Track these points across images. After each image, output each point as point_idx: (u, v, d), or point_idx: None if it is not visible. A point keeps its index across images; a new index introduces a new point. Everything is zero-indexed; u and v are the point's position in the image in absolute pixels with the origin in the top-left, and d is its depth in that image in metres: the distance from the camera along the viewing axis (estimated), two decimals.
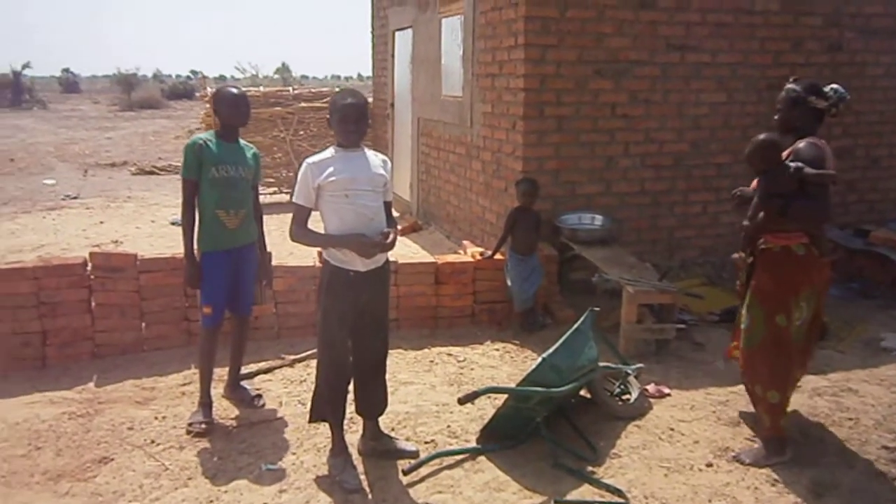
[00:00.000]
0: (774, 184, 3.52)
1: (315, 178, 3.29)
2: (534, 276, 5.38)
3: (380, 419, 3.77)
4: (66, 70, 49.17)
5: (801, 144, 3.62)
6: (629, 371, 4.29)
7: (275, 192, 10.94)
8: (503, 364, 4.95)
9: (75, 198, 11.34)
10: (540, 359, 3.67)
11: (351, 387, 3.61)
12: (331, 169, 3.28)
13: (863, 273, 6.66)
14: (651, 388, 4.44)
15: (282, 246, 5.73)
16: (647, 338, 5.01)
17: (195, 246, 4.00)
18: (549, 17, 5.79)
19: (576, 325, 3.95)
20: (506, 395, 3.71)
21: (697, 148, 6.45)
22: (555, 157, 6.04)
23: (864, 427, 4.01)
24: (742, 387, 4.48)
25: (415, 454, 3.67)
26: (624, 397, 4.26)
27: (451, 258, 5.65)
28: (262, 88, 11.42)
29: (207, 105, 10.07)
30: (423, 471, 3.60)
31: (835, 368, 4.88)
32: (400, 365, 4.91)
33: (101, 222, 9.47)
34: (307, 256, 5.65)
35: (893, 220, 7.37)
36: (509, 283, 5.41)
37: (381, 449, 3.71)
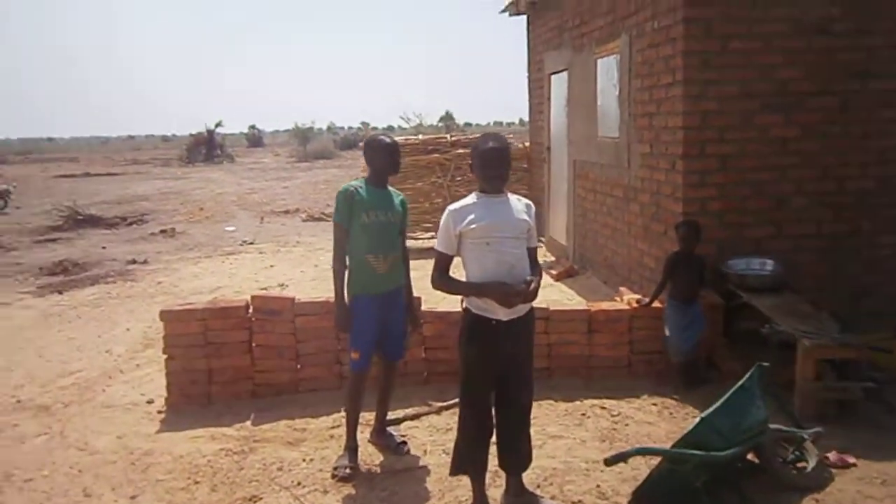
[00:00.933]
0: None
1: (456, 224, 3.23)
2: (694, 325, 5.00)
3: (524, 475, 3.60)
4: (253, 126, 53.71)
5: None
6: (805, 435, 3.81)
7: (432, 237, 11.12)
8: (661, 420, 4.61)
9: (251, 243, 12.17)
10: (699, 418, 3.35)
11: (494, 439, 3.48)
12: (472, 216, 3.22)
13: None
14: (832, 456, 3.93)
15: (434, 291, 5.73)
16: (828, 398, 4.47)
17: (345, 290, 4.08)
18: (710, 50, 5.47)
19: (741, 382, 3.58)
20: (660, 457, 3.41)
21: (885, 184, 5.79)
22: (718, 197, 5.65)
23: None
24: None
25: None
26: (799, 465, 3.79)
27: (605, 305, 5.39)
28: (420, 136, 11.75)
29: None
30: None
31: None
32: (549, 417, 4.72)
33: (272, 266, 10.05)
34: (456, 301, 5.61)
35: None
36: (667, 332, 5.06)
37: None
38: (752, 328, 5.33)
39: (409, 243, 11.72)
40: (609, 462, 3.29)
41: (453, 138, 11.20)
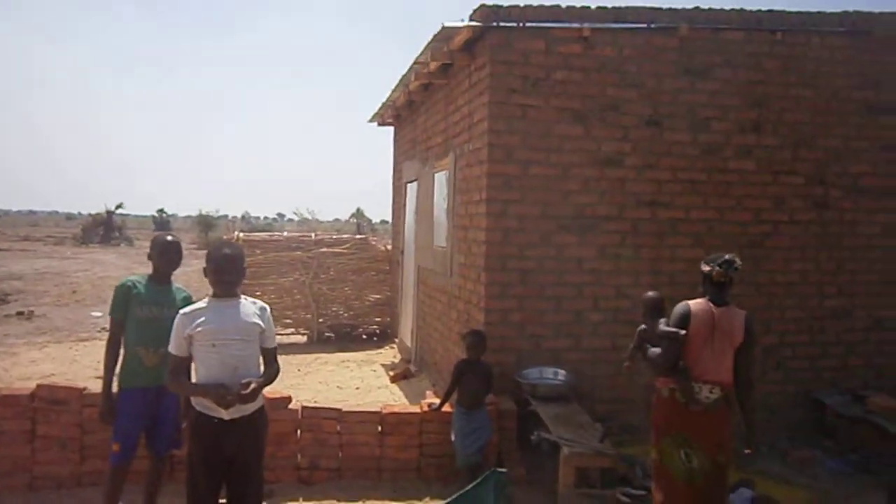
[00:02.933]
0: (646, 334, 4.48)
1: (185, 327, 3.38)
2: (479, 431, 5.20)
3: None
4: (161, 210, 52.78)
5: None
6: None
7: (292, 333, 11.17)
8: None
9: None
10: None
11: None
12: (202, 319, 3.38)
13: (863, 444, 6.15)
14: None
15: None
16: (587, 503, 4.71)
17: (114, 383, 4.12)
18: (512, 174, 5.95)
19: (470, 486, 3.77)
20: None
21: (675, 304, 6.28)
22: (519, 309, 6.01)
23: None
24: None
25: None
26: None
27: (397, 408, 5.56)
28: (285, 234, 11.96)
29: None
30: None
31: None
32: None
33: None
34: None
35: None
36: (453, 437, 5.25)
37: None
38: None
39: None
40: None
41: (317, 237, 11.45)
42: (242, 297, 3.55)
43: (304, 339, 11.20)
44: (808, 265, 6.65)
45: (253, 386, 3.32)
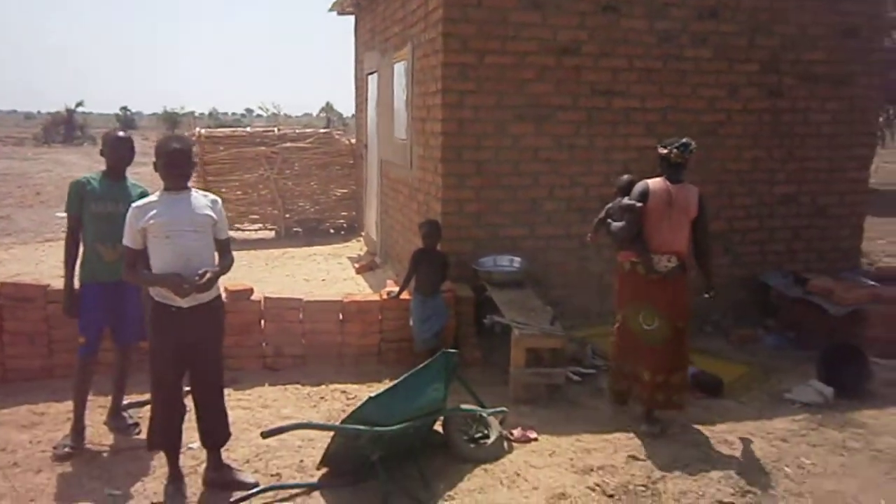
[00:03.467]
0: (611, 211, 4.90)
1: (138, 220, 3.46)
2: (436, 317, 5.42)
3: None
4: (125, 108, 51.36)
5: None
6: (484, 414, 4.29)
7: (259, 229, 11.26)
8: None
9: None
10: (367, 397, 3.73)
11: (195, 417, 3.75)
12: (154, 212, 3.45)
13: (801, 323, 6.51)
14: (517, 432, 4.43)
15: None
16: (537, 382, 4.99)
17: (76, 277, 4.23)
18: (467, 63, 5.92)
19: (421, 366, 3.99)
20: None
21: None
22: (475, 199, 6.13)
23: (710, 479, 3.92)
24: (618, 434, 4.51)
25: (250, 486, 3.75)
26: (482, 441, 4.25)
27: (358, 297, 5.75)
28: (248, 129, 11.82)
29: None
30: (255, 502, 3.69)
31: (726, 419, 4.79)
32: (290, 400, 5.03)
33: None
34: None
35: (848, 269, 7.19)
36: (411, 323, 5.47)
37: (220, 480, 3.80)
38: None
39: (236, 234, 11.72)
40: (265, 435, 3.60)
41: (280, 132, 11.34)
42: (193, 189, 3.61)
43: (272, 234, 11.30)
44: (759, 153, 6.79)
45: (208, 276, 3.43)
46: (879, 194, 17.27)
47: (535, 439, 4.41)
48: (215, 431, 3.80)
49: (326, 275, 8.64)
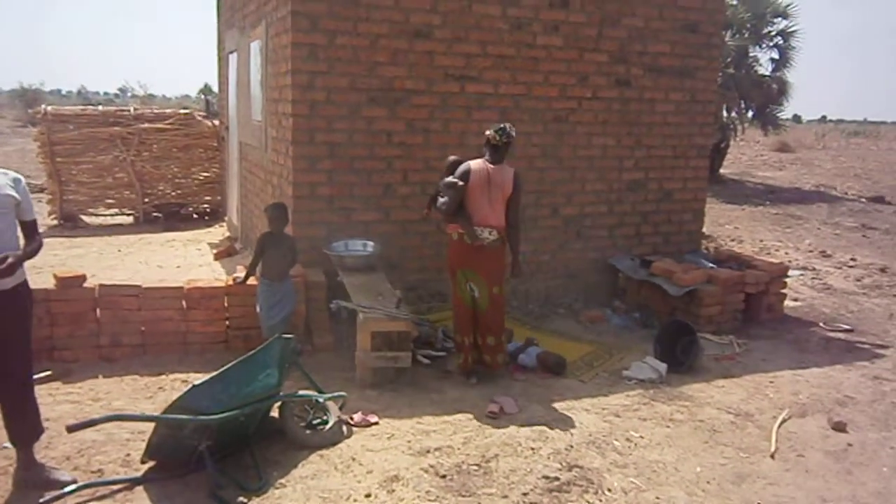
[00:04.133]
0: (439, 188, 5.13)
1: None
2: (283, 302, 5.30)
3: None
4: None
5: None
6: (320, 400, 4.24)
7: (116, 214, 10.69)
8: None
9: None
10: (191, 385, 3.59)
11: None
12: None
13: (646, 303, 6.83)
14: (357, 416, 4.40)
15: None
16: (383, 366, 4.98)
17: None
18: (317, 44, 5.80)
19: (252, 352, 3.89)
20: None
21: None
22: (328, 183, 6.03)
23: (540, 455, 4.04)
24: (459, 415, 4.56)
25: (65, 484, 3.54)
26: (320, 427, 4.20)
27: (201, 283, 5.55)
28: (99, 108, 11.17)
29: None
30: (71, 502, 3.48)
31: (565, 398, 4.94)
32: (125, 392, 4.80)
33: None
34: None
35: (690, 251, 7.60)
36: (258, 309, 5.33)
37: (31, 480, 3.56)
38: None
39: (90, 219, 11.07)
40: (71, 429, 3.41)
41: (136, 111, 10.78)
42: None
43: (130, 219, 10.75)
44: (609, 140, 7.05)
45: (10, 260, 3.18)
46: (731, 183, 18.46)
47: (376, 423, 4.40)
48: (23, 428, 3.56)
49: (183, 261, 8.29)
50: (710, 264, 7.10)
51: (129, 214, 10.70)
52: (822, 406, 5.00)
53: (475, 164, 4.97)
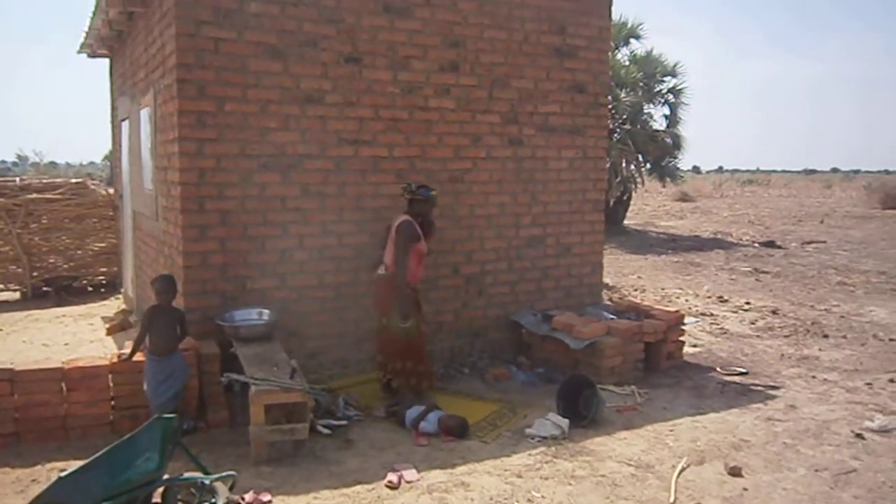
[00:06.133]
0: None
1: None
2: (173, 378, 5.06)
3: None
4: None
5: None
6: (206, 482, 4.02)
7: (1, 290, 10.11)
8: None
9: None
10: (58, 476, 3.34)
11: None
12: None
13: (550, 358, 6.87)
14: (248, 496, 4.19)
15: None
16: (279, 439, 4.80)
17: None
18: (206, 111, 5.72)
19: (128, 436, 3.66)
20: None
21: (380, 240, 6.49)
22: (220, 251, 5.87)
23: None
24: (357, 486, 4.42)
25: None
26: None
27: (82, 361, 5.25)
28: None
29: None
30: None
31: (467, 461, 4.86)
32: None
33: None
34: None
35: (591, 304, 7.74)
36: (145, 387, 5.07)
37: None
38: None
39: None
40: None
41: (23, 182, 10.34)
42: None
43: (17, 295, 10.18)
44: (505, 198, 7.17)
45: None
46: (635, 233, 19.12)
47: (269, 502, 4.20)
48: None
49: (72, 338, 7.87)
50: (611, 315, 7.23)
51: (15, 290, 10.14)
52: (718, 452, 5.09)
53: (406, 217, 5.88)
